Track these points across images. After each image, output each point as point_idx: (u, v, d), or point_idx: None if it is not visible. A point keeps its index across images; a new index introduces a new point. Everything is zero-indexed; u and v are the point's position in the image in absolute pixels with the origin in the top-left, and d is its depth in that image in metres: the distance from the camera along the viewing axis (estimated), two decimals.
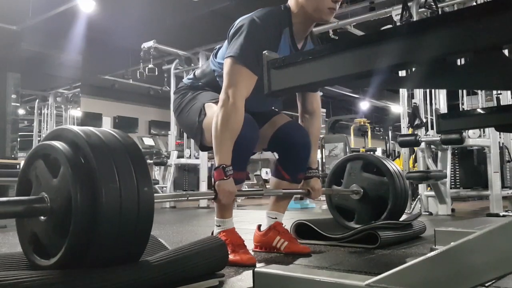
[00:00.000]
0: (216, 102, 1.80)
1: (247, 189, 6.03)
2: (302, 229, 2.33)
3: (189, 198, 1.71)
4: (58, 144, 1.13)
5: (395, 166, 2.47)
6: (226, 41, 1.87)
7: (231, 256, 1.65)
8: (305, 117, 2.14)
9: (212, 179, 1.74)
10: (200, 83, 2.03)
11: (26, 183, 1.23)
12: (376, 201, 2.41)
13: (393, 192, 2.35)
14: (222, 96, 1.74)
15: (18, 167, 6.62)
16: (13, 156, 7.45)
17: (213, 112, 1.79)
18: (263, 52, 0.98)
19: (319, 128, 2.19)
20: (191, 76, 2.11)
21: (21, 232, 1.23)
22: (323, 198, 8.32)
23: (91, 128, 1.18)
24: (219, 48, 1.99)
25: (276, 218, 2.08)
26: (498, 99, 4.85)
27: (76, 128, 1.16)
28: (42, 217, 1.14)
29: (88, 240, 1.06)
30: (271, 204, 2.12)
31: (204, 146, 1.91)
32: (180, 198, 1.81)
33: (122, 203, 1.07)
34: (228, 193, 1.70)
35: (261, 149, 2.13)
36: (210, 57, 2.05)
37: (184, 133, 7.19)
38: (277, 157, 2.13)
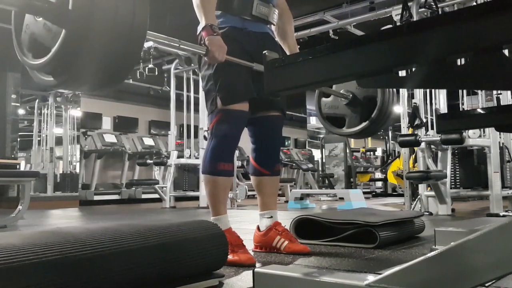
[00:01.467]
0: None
1: (246, 191, 6.03)
2: (302, 229, 2.32)
3: (181, 45, 1.76)
4: None
5: None
6: None
7: (230, 256, 1.65)
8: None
9: (200, 39, 1.80)
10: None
11: None
12: (365, 103, 2.41)
13: (381, 90, 2.34)
14: None
15: (18, 167, 6.63)
16: (13, 156, 7.45)
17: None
18: (263, 52, 0.98)
19: (291, 17, 2.25)
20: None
21: (18, 34, 1.21)
22: (323, 198, 8.34)
23: None
24: None
25: (271, 216, 2.08)
26: (498, 99, 4.85)
27: None
28: (40, 19, 1.14)
29: (83, 34, 1.04)
30: (261, 204, 2.12)
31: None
32: (172, 43, 1.83)
33: (118, 4, 1.06)
34: (219, 46, 1.74)
35: None
36: None
37: (184, 133, 7.20)
38: (250, 153, 2.14)
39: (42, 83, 1.17)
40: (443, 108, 4.56)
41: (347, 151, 7.92)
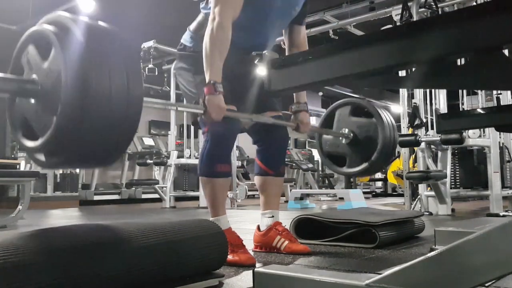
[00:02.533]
0: None
1: (246, 191, 6.03)
2: (302, 229, 2.32)
3: (178, 108, 1.71)
4: (50, 27, 1.12)
5: (383, 109, 2.46)
6: None
7: (230, 257, 1.65)
8: (291, 51, 2.16)
9: (201, 96, 1.76)
10: (198, 50, 1.97)
11: (18, 70, 1.21)
12: (366, 143, 2.40)
13: (382, 132, 2.33)
14: (210, 16, 1.80)
15: (18, 167, 6.63)
16: (13, 156, 7.45)
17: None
18: (263, 52, 0.98)
19: None
20: (187, 36, 2.09)
21: (12, 116, 1.21)
22: (323, 198, 8.34)
23: (86, 18, 1.18)
24: None
25: (273, 216, 2.08)
26: (498, 99, 4.85)
27: (69, 14, 1.15)
28: (32, 100, 1.13)
29: (76, 120, 1.04)
30: (263, 204, 2.12)
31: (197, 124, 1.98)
32: (170, 107, 1.82)
33: (112, 85, 1.05)
34: (217, 107, 1.70)
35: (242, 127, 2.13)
36: (201, 7, 2.06)
37: (184, 133, 7.20)
38: (256, 153, 2.14)
39: (35, 162, 1.18)
40: (443, 108, 4.55)
41: None
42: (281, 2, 1.94)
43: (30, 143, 1.14)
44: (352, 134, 2.39)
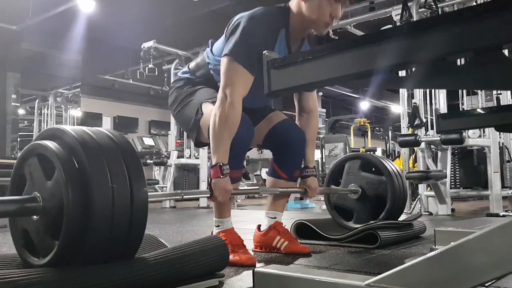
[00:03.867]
0: (213, 102, 1.81)
1: (245, 188, 6.02)
2: (302, 229, 2.33)
3: (184, 197, 1.70)
4: (51, 145, 1.14)
5: (393, 165, 2.47)
6: (224, 35, 1.87)
7: (230, 256, 1.64)
8: (302, 116, 2.15)
9: (209, 178, 1.75)
10: (195, 78, 2.03)
11: (19, 181, 1.24)
12: (374, 200, 2.41)
13: (391, 191, 2.35)
14: (220, 95, 1.75)
15: None
16: (13, 156, 7.44)
17: (210, 110, 1.80)
18: (263, 52, 0.98)
19: (316, 127, 2.19)
20: (185, 69, 2.10)
21: (14, 230, 1.24)
22: (322, 198, 8.34)
23: (85, 128, 1.18)
24: (215, 41, 2.00)
25: (275, 217, 2.09)
26: (498, 99, 4.85)
27: (69, 128, 1.17)
28: (34, 216, 1.15)
29: (80, 241, 1.06)
30: (269, 204, 2.12)
31: (199, 142, 1.94)
32: (175, 197, 1.81)
33: (115, 204, 1.07)
34: (224, 191, 1.70)
35: (255, 145, 2.14)
36: (206, 50, 2.05)
37: (184, 133, 7.19)
38: (272, 156, 2.13)
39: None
40: (443, 108, 4.55)
41: (347, 151, 7.92)
42: None
43: (33, 260, 1.16)
44: (360, 190, 2.40)
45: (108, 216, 1.06)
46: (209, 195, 1.72)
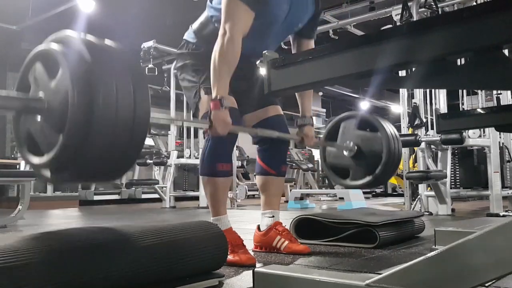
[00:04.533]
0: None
1: (246, 191, 6.03)
2: (302, 229, 2.33)
3: (184, 121, 1.69)
4: (57, 46, 1.12)
5: (389, 123, 2.46)
6: None
7: (230, 257, 1.65)
8: None
9: (208, 109, 1.76)
10: (201, 48, 2.01)
11: (24, 87, 1.22)
12: (370, 156, 2.39)
13: (386, 145, 2.33)
14: (220, 31, 1.79)
15: (18, 167, 6.63)
16: (13, 156, 7.45)
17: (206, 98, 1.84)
18: (263, 52, 0.98)
19: None
20: (190, 31, 2.09)
21: (17, 131, 1.22)
22: (322, 198, 8.34)
23: (93, 37, 1.18)
24: None
25: (273, 216, 2.09)
26: (498, 99, 4.85)
27: (76, 33, 1.16)
28: (38, 117, 1.14)
29: (83, 137, 1.04)
30: (264, 203, 2.12)
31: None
32: (177, 120, 1.80)
33: (119, 102, 1.05)
34: (223, 123, 1.70)
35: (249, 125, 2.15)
36: (207, 4, 2.05)
37: (184, 133, 7.20)
38: (257, 153, 2.15)
39: (41, 178, 1.19)
40: (443, 108, 4.55)
41: None
42: (285, 19, 1.94)
43: (35, 159, 1.14)
44: (356, 147, 2.39)
45: (112, 114, 1.04)
46: (209, 125, 1.71)
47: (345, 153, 2.41)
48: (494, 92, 4.82)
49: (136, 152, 1.16)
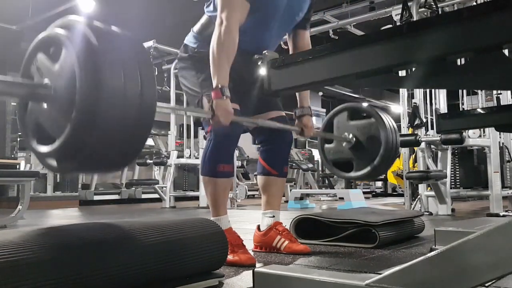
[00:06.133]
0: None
1: (246, 191, 6.02)
2: (302, 229, 2.32)
3: (187, 112, 1.68)
4: (61, 31, 1.10)
5: (381, 110, 2.45)
6: None
7: (230, 257, 1.65)
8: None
9: (210, 98, 1.76)
10: (202, 51, 1.99)
11: (27, 78, 1.21)
12: (369, 143, 2.38)
13: (383, 131, 2.32)
14: (217, 21, 1.80)
15: (18, 167, 6.63)
16: (13, 156, 7.45)
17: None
18: (263, 51, 0.98)
19: None
20: (191, 34, 2.09)
21: (23, 122, 1.19)
22: (323, 198, 8.34)
23: (97, 21, 1.17)
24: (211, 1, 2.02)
25: (273, 216, 2.09)
26: (498, 99, 4.85)
27: (79, 17, 1.14)
28: (45, 104, 1.11)
29: (91, 124, 1.02)
30: (264, 203, 2.12)
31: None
32: (179, 111, 1.79)
33: (126, 87, 1.04)
34: (225, 111, 1.70)
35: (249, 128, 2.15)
36: (206, 4, 2.06)
37: (184, 133, 7.19)
38: (259, 154, 2.16)
39: (47, 167, 1.17)
40: (443, 108, 4.56)
41: None
42: (285, 9, 1.94)
43: (43, 148, 1.12)
44: (354, 138, 2.38)
45: (120, 98, 1.03)
46: (211, 115, 1.71)
47: (344, 144, 2.40)
48: (494, 92, 4.82)
49: (143, 137, 1.14)
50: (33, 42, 1.18)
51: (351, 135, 2.37)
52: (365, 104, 2.47)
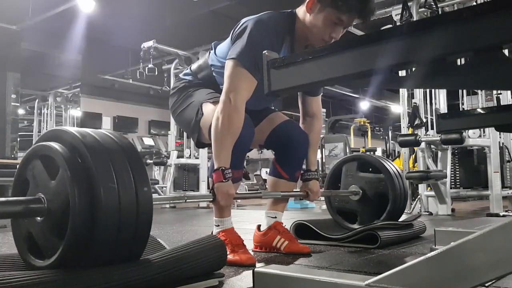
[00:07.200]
0: (214, 102, 1.82)
1: (246, 191, 6.02)
2: (302, 229, 2.32)
3: (187, 200, 1.70)
4: (55, 145, 1.13)
5: (390, 162, 2.46)
6: (229, 38, 1.86)
7: (230, 256, 1.65)
8: (306, 119, 2.16)
9: (211, 182, 1.75)
10: (197, 80, 2.03)
11: (22, 184, 1.23)
12: (376, 199, 2.40)
13: (391, 187, 2.34)
14: (223, 98, 1.74)
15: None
16: (13, 156, 7.44)
17: (210, 110, 1.80)
18: (263, 52, 0.98)
19: (319, 130, 2.20)
20: (187, 71, 2.11)
21: (17, 232, 1.23)
22: (323, 198, 8.33)
23: (87, 130, 1.19)
24: (218, 43, 1.99)
25: (275, 217, 2.09)
26: (498, 99, 4.85)
27: (72, 129, 1.16)
28: (38, 218, 1.14)
29: (86, 242, 1.05)
30: (269, 204, 2.12)
31: (200, 143, 1.93)
32: (178, 201, 1.81)
33: (121, 203, 1.06)
34: (226, 195, 1.70)
35: (257, 145, 2.14)
36: (209, 51, 2.04)
37: (184, 133, 7.19)
38: (274, 155, 2.14)
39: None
40: (443, 108, 4.56)
41: (347, 151, 7.92)
42: None
43: (37, 262, 1.15)
44: (361, 191, 2.39)
45: (115, 215, 1.05)
46: (212, 199, 1.72)
47: (351, 197, 2.42)
48: (494, 92, 4.82)
49: (142, 244, 1.17)
50: (29, 150, 1.23)
51: (357, 188, 2.39)
52: (375, 158, 2.48)
